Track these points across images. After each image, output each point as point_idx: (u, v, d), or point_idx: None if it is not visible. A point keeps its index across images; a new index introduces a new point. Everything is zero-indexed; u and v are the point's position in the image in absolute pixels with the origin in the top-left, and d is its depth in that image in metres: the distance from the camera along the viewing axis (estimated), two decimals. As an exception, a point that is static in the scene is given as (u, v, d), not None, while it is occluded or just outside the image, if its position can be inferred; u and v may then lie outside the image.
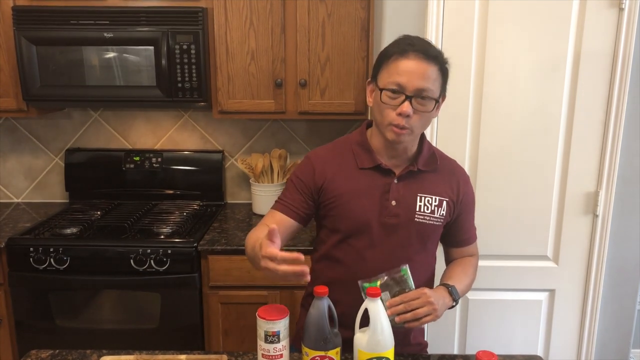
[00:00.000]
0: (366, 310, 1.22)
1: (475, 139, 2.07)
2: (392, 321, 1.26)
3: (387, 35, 2.01)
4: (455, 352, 2.26)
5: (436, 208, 1.44)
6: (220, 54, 2.33)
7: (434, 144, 2.07)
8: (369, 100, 1.44)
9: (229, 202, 2.82)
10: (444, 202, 1.45)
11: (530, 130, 2.05)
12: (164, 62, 2.27)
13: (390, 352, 1.21)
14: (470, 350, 2.21)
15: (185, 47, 2.26)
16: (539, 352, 2.25)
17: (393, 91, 1.32)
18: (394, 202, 1.41)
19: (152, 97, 2.32)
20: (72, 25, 2.24)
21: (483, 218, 2.12)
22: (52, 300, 2.22)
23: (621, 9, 1.94)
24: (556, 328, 2.22)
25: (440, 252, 1.61)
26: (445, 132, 2.07)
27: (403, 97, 1.31)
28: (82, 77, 2.30)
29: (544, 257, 2.17)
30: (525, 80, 2.02)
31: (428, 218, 1.43)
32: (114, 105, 2.66)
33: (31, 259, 2.16)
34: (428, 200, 1.43)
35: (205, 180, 2.74)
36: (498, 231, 2.13)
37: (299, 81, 2.35)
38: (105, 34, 2.24)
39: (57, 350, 1.43)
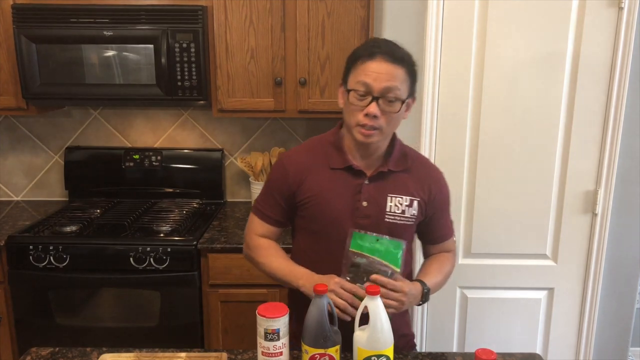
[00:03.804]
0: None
1: (475, 138, 2.08)
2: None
3: (387, 34, 2.01)
4: (455, 350, 2.27)
5: (407, 208, 1.45)
6: (220, 52, 2.33)
7: (433, 143, 2.08)
8: (340, 103, 1.45)
9: (228, 200, 2.83)
10: (415, 202, 1.46)
11: (530, 129, 2.06)
12: (163, 60, 2.27)
13: (389, 350, 1.21)
14: (470, 348, 2.22)
15: (185, 45, 2.26)
16: (538, 351, 2.25)
17: (360, 93, 1.34)
18: (365, 203, 1.43)
19: (152, 96, 2.32)
20: (72, 23, 2.24)
21: (482, 217, 2.13)
22: (52, 298, 2.22)
23: (620, 8, 1.95)
24: (555, 326, 2.23)
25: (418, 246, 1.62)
26: (445, 131, 2.07)
27: (370, 98, 1.33)
28: (82, 76, 2.30)
29: (543, 256, 2.17)
30: (525, 79, 2.02)
31: (398, 218, 1.45)
32: (113, 103, 2.66)
33: (31, 257, 2.17)
34: (398, 201, 1.45)
35: (205, 178, 2.74)
36: (497, 230, 2.14)
37: (299, 80, 2.35)
38: (105, 32, 2.24)
39: (57, 348, 1.43)
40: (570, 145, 2.07)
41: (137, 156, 2.71)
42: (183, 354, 1.37)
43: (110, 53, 2.28)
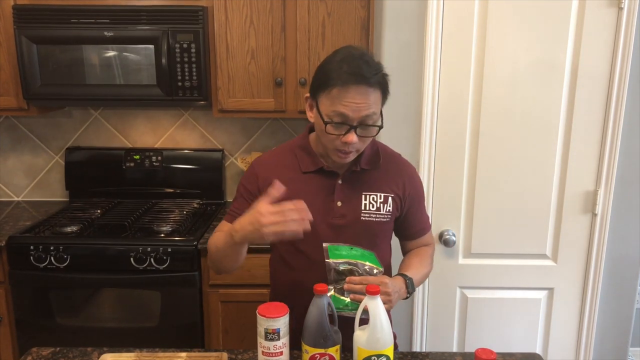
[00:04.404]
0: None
1: (475, 139, 2.08)
2: (341, 301, 1.28)
3: (387, 35, 2.01)
4: (455, 349, 2.27)
5: (382, 205, 1.45)
6: (221, 52, 2.33)
7: (433, 144, 2.08)
8: (310, 115, 1.43)
9: (229, 200, 2.83)
10: (389, 198, 1.46)
11: (530, 129, 2.06)
12: (164, 61, 2.27)
13: (389, 350, 1.21)
14: (470, 348, 2.22)
15: (185, 45, 2.26)
16: (538, 351, 2.26)
17: (337, 122, 1.32)
18: (339, 203, 1.43)
19: (153, 96, 2.33)
20: (73, 24, 2.25)
21: (482, 217, 2.13)
22: (52, 299, 2.22)
23: (620, 8, 1.95)
24: (555, 326, 2.23)
25: (396, 244, 1.62)
26: (445, 132, 2.07)
27: (348, 127, 1.31)
28: (83, 76, 2.30)
29: (543, 256, 2.17)
30: (525, 80, 2.02)
31: (374, 216, 1.45)
32: (114, 104, 2.66)
33: (32, 257, 2.17)
34: (373, 198, 1.45)
35: (205, 178, 2.74)
36: (497, 230, 2.14)
37: (299, 80, 2.36)
38: (106, 33, 2.25)
39: (58, 348, 1.43)
40: (570, 146, 2.07)
41: (137, 156, 2.72)
42: (183, 354, 1.38)
43: (111, 53, 2.29)
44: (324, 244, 1.36)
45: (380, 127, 1.36)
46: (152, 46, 2.26)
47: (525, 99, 2.04)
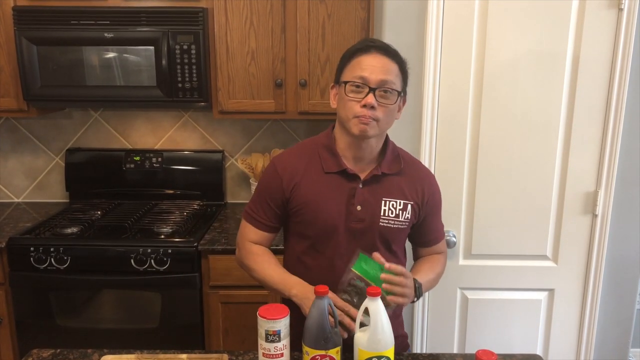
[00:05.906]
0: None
1: (475, 139, 2.08)
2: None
3: (387, 36, 2.01)
4: (455, 351, 2.27)
5: (401, 212, 1.45)
6: (221, 54, 2.33)
7: (433, 144, 2.08)
8: (333, 103, 1.46)
9: (229, 201, 2.83)
10: (409, 206, 1.46)
11: (530, 129, 2.06)
12: (164, 62, 2.27)
13: (390, 351, 1.21)
14: (470, 350, 2.22)
15: (185, 47, 2.26)
16: (539, 352, 2.25)
17: (357, 85, 1.36)
18: (359, 207, 1.43)
19: (153, 97, 2.33)
20: (73, 25, 2.25)
21: (483, 217, 2.13)
22: (52, 300, 2.22)
23: (620, 9, 1.95)
24: (555, 327, 2.23)
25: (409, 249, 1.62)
26: (445, 132, 2.08)
27: (367, 90, 1.35)
28: (83, 77, 2.30)
29: (543, 257, 2.17)
30: (525, 80, 2.02)
31: (393, 222, 1.44)
32: (114, 105, 2.66)
33: (32, 259, 2.17)
34: (392, 204, 1.45)
35: (206, 180, 2.74)
36: (498, 231, 2.14)
37: (299, 81, 2.36)
38: (106, 34, 2.25)
39: (59, 350, 1.43)
40: (570, 146, 2.07)
41: (137, 158, 2.72)
42: (184, 355, 1.37)
43: (111, 55, 2.29)
44: (358, 250, 1.36)
45: (399, 93, 1.39)
46: (152, 47, 2.26)
47: (526, 100, 2.04)
